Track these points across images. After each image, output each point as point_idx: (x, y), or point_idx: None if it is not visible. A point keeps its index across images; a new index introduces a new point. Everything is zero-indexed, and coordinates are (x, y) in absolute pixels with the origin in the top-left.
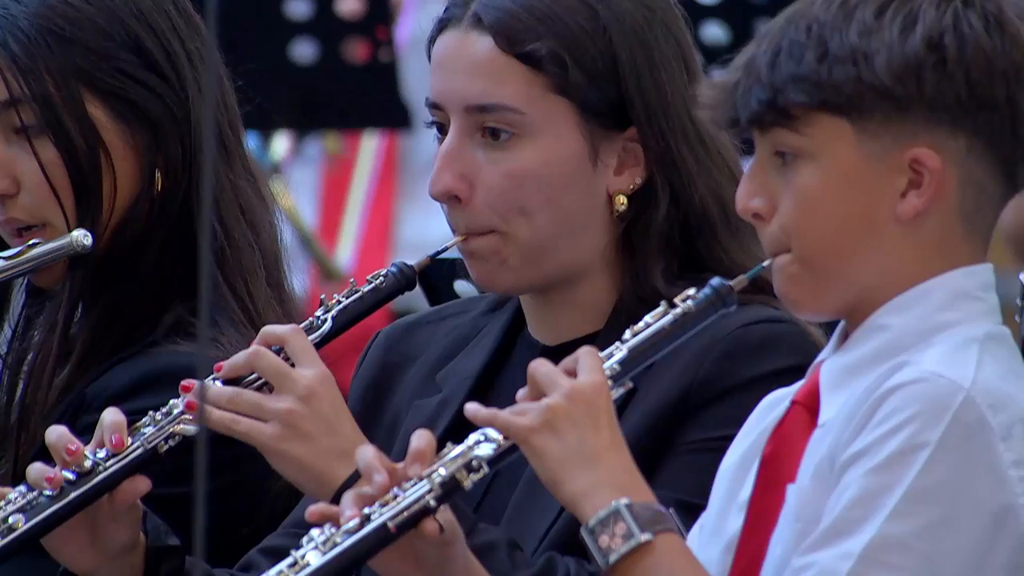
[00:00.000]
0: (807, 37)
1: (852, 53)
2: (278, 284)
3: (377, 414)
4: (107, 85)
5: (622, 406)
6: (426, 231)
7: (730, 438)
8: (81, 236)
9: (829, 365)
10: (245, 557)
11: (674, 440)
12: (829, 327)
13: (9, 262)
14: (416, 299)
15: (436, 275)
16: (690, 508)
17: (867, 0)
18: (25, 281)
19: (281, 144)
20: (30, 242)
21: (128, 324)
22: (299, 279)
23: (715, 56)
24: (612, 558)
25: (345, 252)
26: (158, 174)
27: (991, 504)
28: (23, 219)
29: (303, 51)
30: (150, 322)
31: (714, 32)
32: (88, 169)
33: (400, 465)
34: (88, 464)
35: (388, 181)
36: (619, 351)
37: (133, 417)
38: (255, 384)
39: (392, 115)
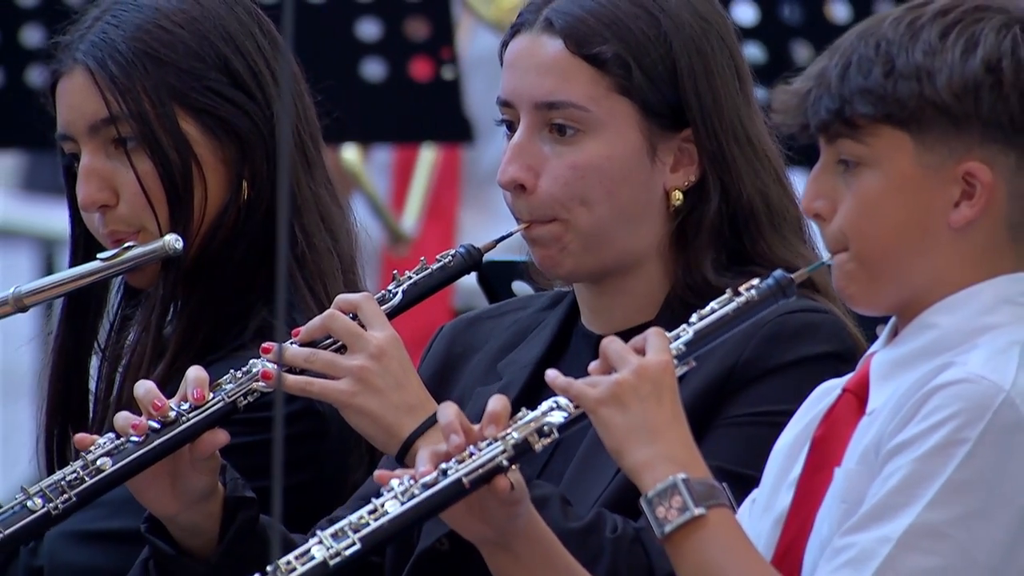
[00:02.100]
0: (876, 54)
1: (916, 71)
2: (353, 286)
3: (442, 400)
4: (198, 103)
5: (681, 379)
6: (489, 236)
7: (769, 413)
8: (173, 240)
9: (880, 357)
10: (316, 526)
11: (717, 415)
12: (862, 319)
13: (106, 263)
14: (477, 298)
15: (495, 275)
16: (728, 475)
17: (933, 22)
18: (122, 282)
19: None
20: (125, 244)
21: (216, 324)
22: (371, 283)
23: (753, 74)
24: (667, 528)
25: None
26: (244, 184)
27: (1023, 499)
28: (123, 230)
29: (373, 69)
30: (237, 325)
31: (752, 52)
32: (181, 180)
33: (476, 426)
34: (172, 415)
35: (451, 190)
36: (685, 333)
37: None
38: (330, 348)
39: (455, 129)
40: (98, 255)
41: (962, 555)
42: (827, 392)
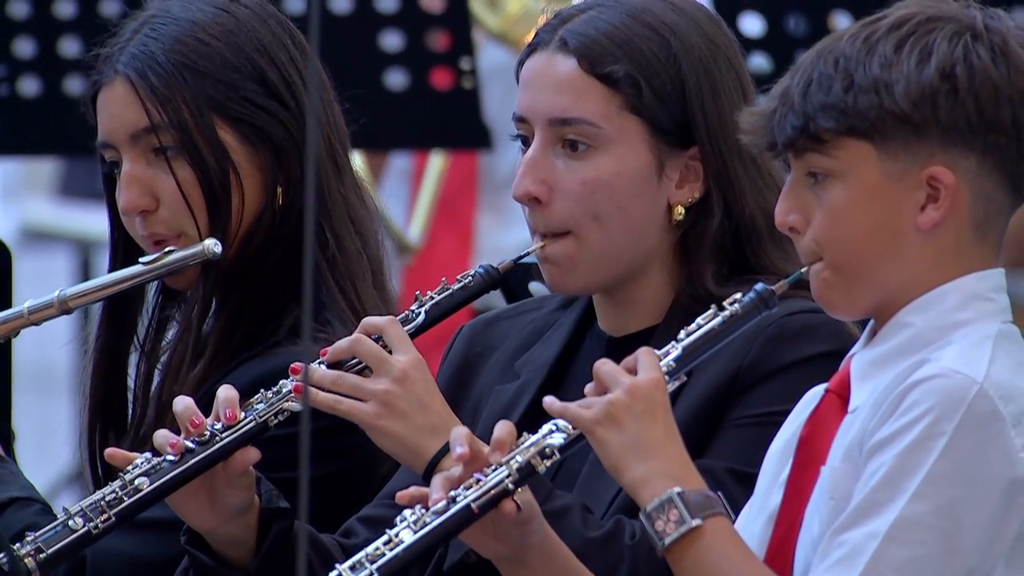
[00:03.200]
0: (835, 70)
1: (874, 83)
2: (382, 287)
3: (462, 398)
4: (235, 112)
5: (676, 392)
6: (504, 240)
7: (774, 413)
8: (212, 244)
9: (859, 358)
10: (345, 524)
11: (725, 417)
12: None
13: (147, 266)
14: (495, 298)
15: (513, 277)
16: (740, 476)
17: (888, 36)
18: (159, 283)
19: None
20: (166, 248)
21: (253, 324)
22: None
23: (760, 83)
24: (667, 541)
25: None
26: (279, 190)
27: (1002, 481)
28: (162, 233)
29: (395, 79)
30: (272, 324)
31: (759, 62)
32: (219, 186)
33: (485, 450)
34: (206, 435)
35: (470, 195)
36: (675, 349)
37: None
38: (355, 368)
39: (474, 136)
40: (140, 259)
41: (947, 543)
42: (815, 397)
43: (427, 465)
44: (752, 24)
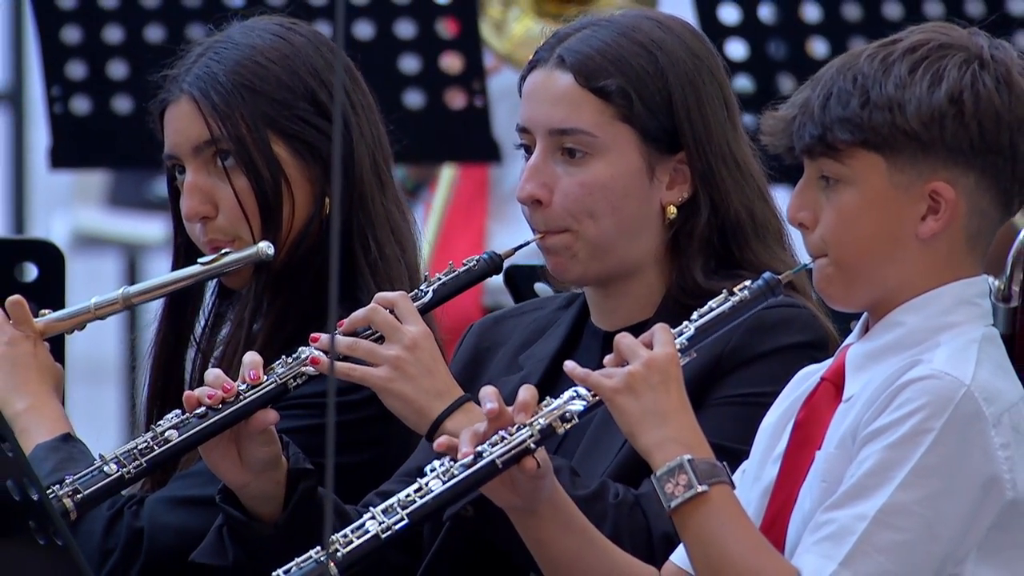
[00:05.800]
0: (853, 86)
1: (889, 102)
2: None
3: (471, 388)
4: (288, 128)
5: None
6: (510, 244)
7: (753, 395)
8: (265, 247)
9: (854, 350)
10: (365, 498)
11: (707, 397)
12: (836, 315)
13: (205, 267)
14: (504, 296)
15: (520, 277)
16: (717, 448)
17: (903, 59)
18: (217, 283)
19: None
20: (223, 251)
21: (299, 321)
22: None
23: (744, 102)
24: (674, 503)
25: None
26: (327, 200)
27: (981, 476)
28: (220, 239)
29: (413, 99)
30: (316, 322)
31: (743, 83)
32: (272, 196)
33: (509, 409)
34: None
35: (481, 204)
36: (688, 329)
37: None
38: (370, 338)
39: (485, 151)
40: (198, 260)
41: (929, 530)
42: (807, 376)
43: (431, 425)
44: (736, 48)
